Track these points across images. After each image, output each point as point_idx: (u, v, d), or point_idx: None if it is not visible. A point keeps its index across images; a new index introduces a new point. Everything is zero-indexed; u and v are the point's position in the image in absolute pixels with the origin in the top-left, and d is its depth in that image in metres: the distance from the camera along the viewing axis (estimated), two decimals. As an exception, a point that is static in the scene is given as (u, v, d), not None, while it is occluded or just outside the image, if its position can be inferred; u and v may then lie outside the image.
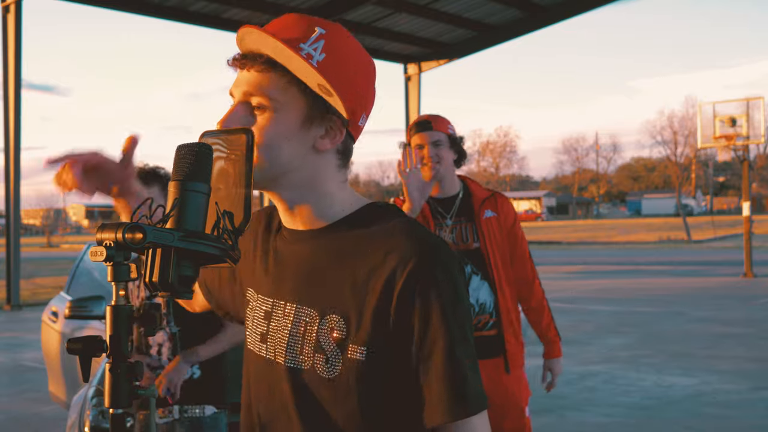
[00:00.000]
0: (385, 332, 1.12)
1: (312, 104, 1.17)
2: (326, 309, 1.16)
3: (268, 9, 15.65)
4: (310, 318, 1.17)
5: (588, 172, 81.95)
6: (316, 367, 1.15)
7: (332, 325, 1.15)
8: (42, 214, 65.13)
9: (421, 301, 1.11)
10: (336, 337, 1.14)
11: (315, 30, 1.17)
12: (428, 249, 1.13)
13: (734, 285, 15.46)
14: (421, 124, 3.09)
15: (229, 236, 1.05)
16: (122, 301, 1.01)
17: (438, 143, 3.04)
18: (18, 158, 14.09)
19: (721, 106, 18.28)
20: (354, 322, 1.13)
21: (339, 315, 1.15)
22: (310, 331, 1.17)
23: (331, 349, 1.15)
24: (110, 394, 1.00)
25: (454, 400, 1.10)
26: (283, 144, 1.17)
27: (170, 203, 1.03)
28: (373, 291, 1.13)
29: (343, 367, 1.13)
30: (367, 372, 1.13)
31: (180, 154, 1.06)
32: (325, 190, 1.22)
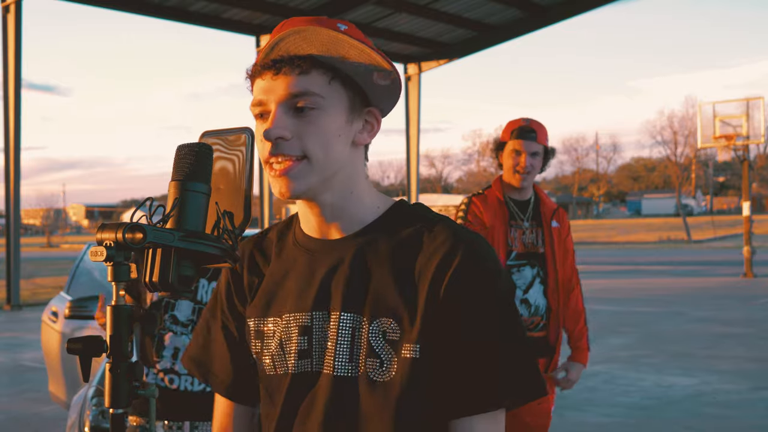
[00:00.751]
0: (435, 329, 1.13)
1: (353, 97, 1.18)
2: (375, 313, 1.15)
3: (268, 9, 15.65)
4: (359, 324, 1.16)
5: (588, 172, 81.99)
6: (368, 373, 1.14)
7: (384, 328, 1.14)
8: (42, 214, 65.13)
9: (469, 295, 1.13)
10: (390, 339, 1.13)
11: (339, 27, 1.17)
12: (471, 246, 1.15)
13: (734, 285, 15.46)
14: (525, 131, 3.12)
15: (229, 236, 1.05)
16: (122, 301, 1.01)
17: (536, 154, 3.11)
18: (18, 158, 14.09)
19: (721, 106, 18.29)
20: (405, 322, 1.13)
21: (389, 317, 1.14)
22: (359, 337, 1.15)
23: (385, 352, 1.14)
24: (110, 394, 1.00)
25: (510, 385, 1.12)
26: (335, 141, 1.16)
27: (170, 203, 1.03)
28: (421, 290, 1.14)
29: (397, 368, 1.13)
30: (421, 369, 1.13)
31: (180, 154, 1.06)
32: (360, 190, 1.21)
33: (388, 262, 1.17)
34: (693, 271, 18.89)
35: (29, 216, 73.69)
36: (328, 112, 1.15)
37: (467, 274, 1.13)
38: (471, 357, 1.12)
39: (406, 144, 20.82)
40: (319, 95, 1.14)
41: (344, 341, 1.16)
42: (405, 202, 1.25)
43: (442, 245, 1.15)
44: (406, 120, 20.58)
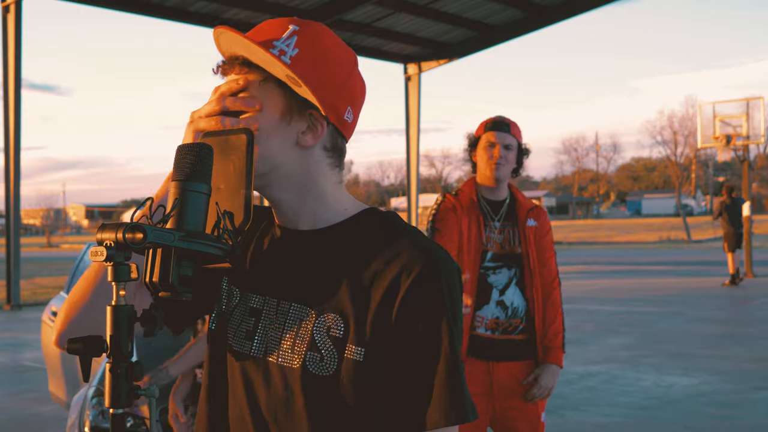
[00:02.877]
0: (385, 336, 1.13)
1: (290, 99, 1.19)
2: (324, 308, 1.16)
3: (268, 9, 15.65)
4: (306, 316, 1.17)
5: (588, 172, 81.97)
6: (308, 365, 1.15)
7: (329, 324, 1.15)
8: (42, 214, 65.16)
9: (425, 307, 1.13)
10: (333, 335, 1.14)
11: (288, 27, 1.20)
12: (432, 258, 1.15)
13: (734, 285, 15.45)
14: (498, 123, 3.12)
15: (229, 236, 1.06)
16: (122, 301, 1.01)
17: (509, 147, 3.10)
18: (18, 158, 14.08)
19: (721, 106, 18.28)
20: (353, 322, 1.14)
21: (337, 314, 1.15)
22: (305, 328, 1.17)
23: (327, 347, 1.15)
24: (110, 394, 1.00)
25: (452, 405, 1.12)
26: (264, 140, 1.18)
27: (170, 203, 1.04)
28: (374, 295, 1.14)
29: (338, 366, 1.14)
30: (364, 373, 1.13)
31: (180, 154, 1.06)
32: (320, 189, 1.22)
33: (346, 261, 1.18)
34: (693, 271, 18.88)
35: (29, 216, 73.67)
36: (260, 113, 1.18)
37: (424, 288, 1.13)
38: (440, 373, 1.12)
39: (406, 144, 20.80)
40: (248, 92, 1.18)
41: (289, 331, 1.18)
42: (377, 209, 1.26)
43: (403, 255, 1.15)
44: (406, 120, 20.56)
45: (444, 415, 1.12)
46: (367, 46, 18.63)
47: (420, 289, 1.13)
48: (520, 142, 3.15)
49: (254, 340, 1.21)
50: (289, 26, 1.20)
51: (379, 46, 18.74)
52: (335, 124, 1.21)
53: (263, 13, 15.84)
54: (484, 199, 3.14)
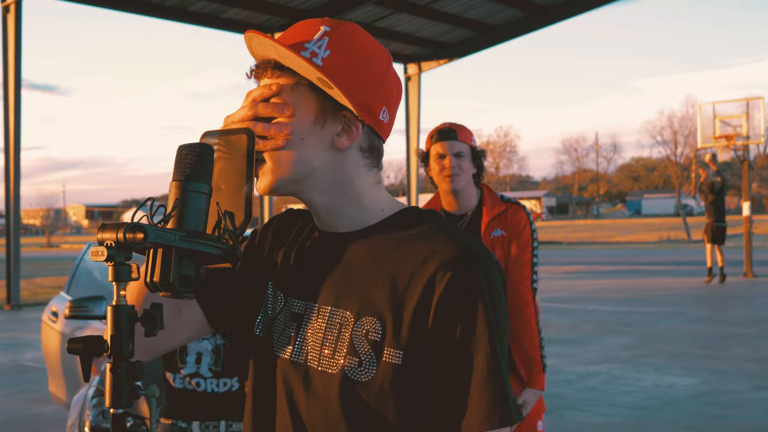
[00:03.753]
0: (423, 337, 1.11)
1: (323, 102, 1.18)
2: (362, 311, 1.14)
3: (268, 9, 15.65)
4: (345, 320, 1.15)
5: (588, 172, 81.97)
6: (346, 371, 1.13)
7: (367, 328, 1.13)
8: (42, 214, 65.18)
9: (463, 306, 1.10)
10: (371, 339, 1.12)
11: (320, 28, 1.18)
12: (469, 254, 1.13)
13: (734, 285, 15.45)
14: (444, 132, 2.96)
15: (230, 236, 1.06)
16: (123, 301, 1.01)
17: (460, 155, 2.93)
18: (18, 158, 14.09)
19: (721, 106, 18.27)
20: (390, 325, 1.11)
21: (375, 317, 1.13)
22: (344, 333, 1.15)
23: (365, 351, 1.12)
24: (111, 394, 1.00)
25: (496, 407, 1.09)
26: (299, 143, 1.17)
27: (171, 203, 1.04)
28: (412, 295, 1.11)
29: (378, 370, 1.11)
30: (403, 377, 1.11)
31: (181, 154, 1.06)
32: (357, 191, 1.21)
33: (385, 263, 1.16)
34: (693, 271, 18.86)
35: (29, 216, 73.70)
36: (296, 115, 1.17)
37: (461, 286, 1.10)
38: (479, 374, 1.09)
39: (406, 144, 20.80)
40: (281, 96, 1.17)
41: (329, 336, 1.16)
42: (416, 208, 1.24)
43: (439, 253, 1.12)
44: (406, 120, 20.56)
45: (486, 418, 1.08)
46: (367, 46, 18.62)
47: (456, 288, 1.10)
48: (471, 145, 2.98)
49: (295, 345, 1.20)
50: (321, 27, 1.18)
51: (378, 46, 18.72)
52: (371, 124, 1.20)
53: (263, 13, 15.85)
54: (445, 213, 3.00)
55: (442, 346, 1.10)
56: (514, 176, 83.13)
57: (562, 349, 8.46)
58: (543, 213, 75.23)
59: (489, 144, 79.70)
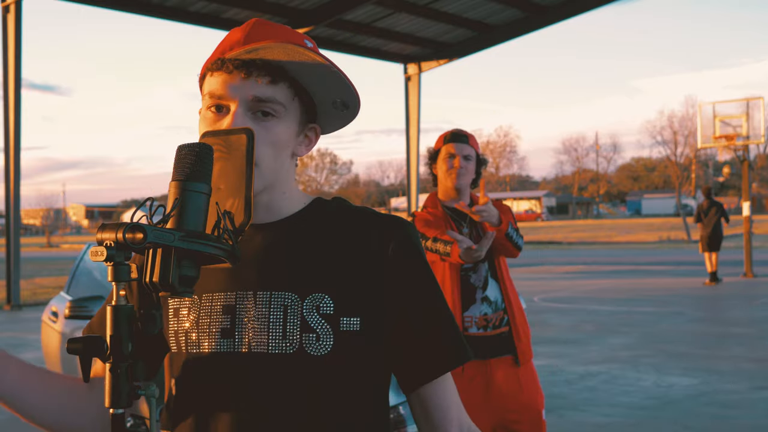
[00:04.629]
0: (377, 300, 1.19)
1: (304, 114, 1.24)
2: (307, 290, 1.17)
3: (268, 9, 15.65)
4: (291, 301, 1.17)
5: (588, 172, 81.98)
6: (305, 348, 1.15)
7: (317, 303, 1.16)
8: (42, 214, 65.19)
9: (408, 264, 1.22)
10: (324, 313, 1.16)
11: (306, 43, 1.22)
12: (398, 220, 1.25)
13: (734, 285, 15.46)
14: (457, 135, 3.26)
15: (229, 236, 1.06)
16: (122, 301, 1.01)
17: (468, 158, 3.22)
18: (18, 158, 14.09)
19: (721, 106, 18.28)
20: (342, 296, 1.17)
21: (323, 293, 1.17)
22: (292, 314, 1.16)
23: (320, 326, 1.16)
24: (110, 394, 1.00)
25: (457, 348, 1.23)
26: (283, 150, 1.22)
27: (171, 203, 1.04)
28: (358, 264, 1.19)
29: (336, 341, 1.15)
30: (363, 341, 1.17)
31: (180, 154, 1.06)
32: (290, 188, 1.27)
33: (318, 242, 1.22)
34: (693, 271, 18.86)
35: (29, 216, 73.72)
36: (285, 123, 1.20)
37: (404, 246, 1.22)
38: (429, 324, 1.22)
39: (406, 144, 20.80)
40: (282, 105, 1.19)
41: (277, 319, 1.16)
42: (323, 198, 1.31)
43: (372, 224, 1.23)
44: (406, 120, 20.56)
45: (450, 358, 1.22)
46: (367, 46, 18.64)
47: (400, 249, 1.22)
48: (478, 153, 3.28)
49: (234, 336, 1.18)
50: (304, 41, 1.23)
51: (379, 46, 18.74)
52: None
53: (263, 13, 15.84)
54: (449, 209, 3.26)
55: (397, 304, 1.20)
56: (514, 176, 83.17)
57: (562, 349, 8.46)
58: (543, 213, 75.22)
59: (489, 144, 79.74)
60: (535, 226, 55.31)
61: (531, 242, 35.96)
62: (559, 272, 19.33)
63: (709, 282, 15.47)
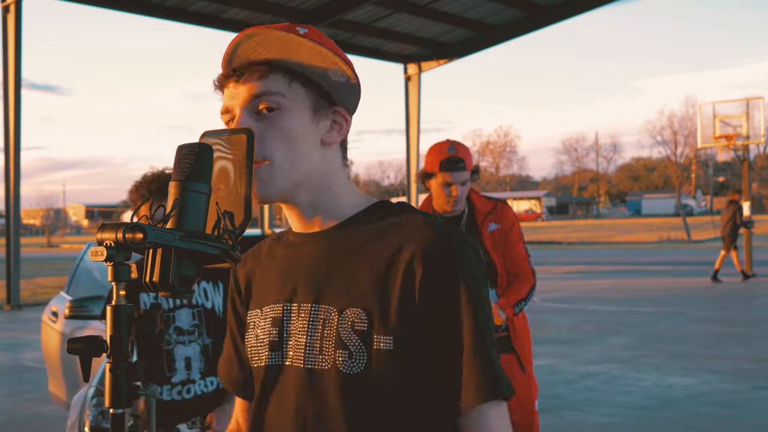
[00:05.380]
0: (412, 321, 1.11)
1: (317, 98, 1.20)
2: (345, 304, 1.14)
3: (268, 9, 15.65)
4: (328, 315, 1.15)
5: (588, 172, 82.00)
6: (337, 365, 1.13)
7: (353, 319, 1.13)
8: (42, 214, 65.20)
9: (444, 286, 1.11)
10: (358, 330, 1.12)
11: (298, 30, 1.19)
12: (443, 237, 1.14)
13: (734, 285, 15.46)
14: (453, 163, 3.13)
15: (229, 236, 1.06)
16: (122, 301, 1.01)
17: (465, 182, 3.16)
18: (18, 158, 14.09)
19: (721, 106, 18.28)
20: (376, 313, 1.12)
21: (359, 308, 1.13)
22: (329, 328, 1.14)
23: (354, 343, 1.12)
24: (110, 394, 1.00)
25: (487, 382, 1.10)
26: (300, 141, 1.18)
27: (171, 203, 1.04)
28: (394, 281, 1.12)
29: (369, 360, 1.11)
30: (396, 362, 1.11)
31: (181, 154, 1.06)
32: (336, 187, 1.23)
33: (361, 253, 1.17)
34: (693, 271, 18.86)
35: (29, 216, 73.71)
36: (290, 113, 1.17)
37: (440, 267, 1.12)
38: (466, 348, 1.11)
39: (406, 144, 20.81)
40: (279, 94, 1.16)
41: (314, 333, 1.16)
42: (388, 202, 1.26)
43: (414, 238, 1.14)
44: (406, 120, 20.57)
45: (477, 392, 1.10)
46: (367, 46, 18.64)
47: (436, 269, 1.11)
48: (472, 170, 3.21)
49: (282, 350, 1.19)
50: (297, 29, 1.20)
51: (379, 46, 18.74)
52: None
53: (263, 13, 15.84)
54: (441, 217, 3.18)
55: (431, 327, 1.11)
56: (514, 176, 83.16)
57: (562, 349, 8.46)
58: (543, 213, 75.20)
59: (489, 144, 79.76)
60: (535, 226, 55.28)
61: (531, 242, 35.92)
62: (559, 272, 19.33)
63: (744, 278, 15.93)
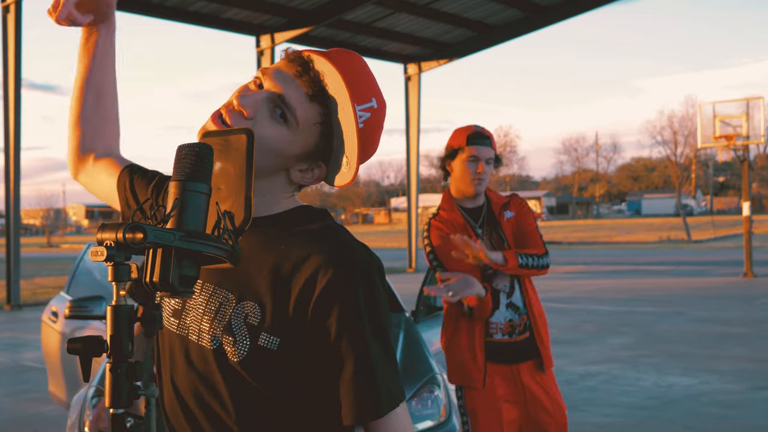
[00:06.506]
0: (301, 329, 1.16)
1: (317, 147, 1.24)
2: (244, 295, 1.19)
3: (268, 9, 15.64)
4: (226, 300, 1.20)
5: (588, 172, 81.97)
6: (224, 347, 1.18)
7: (248, 311, 1.18)
8: (42, 214, 65.24)
9: (338, 306, 1.15)
10: (249, 322, 1.17)
11: (371, 99, 1.23)
12: (351, 255, 1.17)
13: (734, 285, 15.46)
14: (481, 137, 3.05)
15: (229, 236, 1.06)
16: (122, 301, 1.01)
17: (490, 161, 3.08)
18: (18, 158, 14.08)
19: (721, 106, 18.28)
20: (269, 311, 1.17)
21: (255, 302, 1.18)
22: (223, 312, 1.20)
23: (241, 332, 1.18)
24: (110, 394, 1.00)
25: (368, 400, 1.14)
26: (275, 157, 1.22)
27: (171, 203, 1.04)
28: (293, 287, 1.16)
29: (251, 352, 1.16)
30: (279, 363, 1.16)
31: (181, 154, 1.06)
32: (270, 191, 1.27)
33: (271, 253, 1.20)
34: (693, 271, 18.88)
35: (29, 216, 73.73)
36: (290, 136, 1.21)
37: (338, 287, 1.14)
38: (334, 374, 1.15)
39: (406, 144, 20.80)
40: (298, 117, 1.20)
41: (209, 312, 1.21)
42: (311, 207, 1.29)
43: (323, 252, 1.17)
44: (406, 120, 20.56)
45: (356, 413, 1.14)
46: (367, 46, 18.63)
47: (335, 287, 1.14)
48: (496, 153, 3.14)
49: (180, 318, 1.26)
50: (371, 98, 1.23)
51: (379, 46, 18.73)
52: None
53: (263, 13, 15.84)
54: (462, 209, 3.14)
55: (319, 339, 1.15)
56: (514, 176, 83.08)
57: (562, 349, 8.46)
58: (543, 213, 75.19)
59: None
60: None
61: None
62: (559, 272, 19.33)
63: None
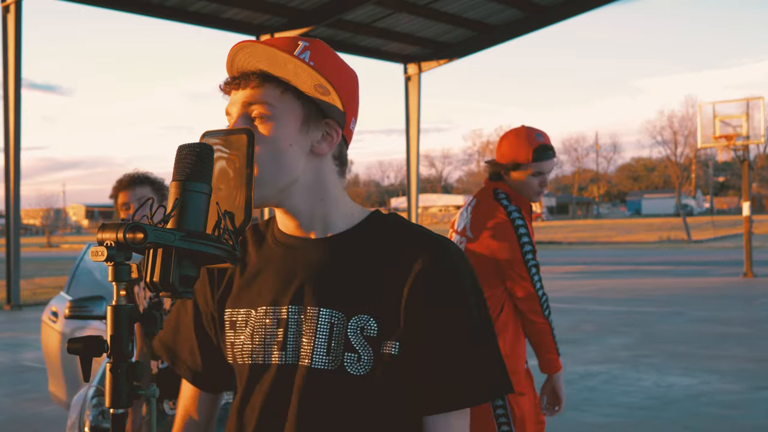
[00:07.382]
0: (417, 326, 1.19)
1: (308, 109, 1.24)
2: (353, 310, 1.20)
3: (268, 9, 15.65)
4: (337, 319, 1.20)
5: (588, 172, 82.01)
6: (345, 367, 1.19)
7: (362, 324, 1.19)
8: (42, 214, 65.24)
9: (445, 295, 1.20)
10: (367, 335, 1.19)
11: (299, 43, 1.24)
12: (444, 247, 1.23)
13: (734, 285, 15.47)
14: (549, 150, 2.96)
15: (230, 236, 1.06)
16: (123, 301, 1.01)
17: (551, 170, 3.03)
18: (18, 158, 14.09)
19: (721, 106, 18.28)
20: (384, 320, 1.19)
21: (368, 315, 1.20)
22: (338, 332, 1.20)
23: (363, 347, 1.19)
24: (111, 394, 1.00)
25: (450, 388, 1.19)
26: (287, 150, 1.21)
27: (171, 203, 1.04)
28: (401, 290, 1.20)
29: (375, 363, 1.18)
30: (400, 366, 1.19)
31: (181, 154, 1.06)
32: (333, 197, 1.27)
33: (366, 263, 1.23)
34: (693, 271, 18.89)
35: (29, 216, 73.75)
36: (280, 122, 1.21)
37: (443, 275, 1.20)
38: (445, 358, 1.19)
39: (406, 144, 20.81)
40: (269, 104, 1.21)
41: (322, 335, 1.20)
42: (380, 212, 1.31)
43: (419, 249, 1.22)
44: (406, 120, 20.57)
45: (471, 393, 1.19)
46: (367, 46, 18.64)
47: (439, 277, 1.20)
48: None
49: (287, 349, 1.23)
50: (299, 42, 1.24)
51: (379, 46, 18.74)
52: (344, 133, 1.27)
53: (263, 13, 15.85)
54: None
55: (429, 337, 1.19)
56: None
57: (562, 349, 8.44)
58: (543, 213, 75.19)
59: (489, 144, 79.73)
60: (536, 226, 55.21)
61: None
62: (559, 272, 19.33)
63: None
